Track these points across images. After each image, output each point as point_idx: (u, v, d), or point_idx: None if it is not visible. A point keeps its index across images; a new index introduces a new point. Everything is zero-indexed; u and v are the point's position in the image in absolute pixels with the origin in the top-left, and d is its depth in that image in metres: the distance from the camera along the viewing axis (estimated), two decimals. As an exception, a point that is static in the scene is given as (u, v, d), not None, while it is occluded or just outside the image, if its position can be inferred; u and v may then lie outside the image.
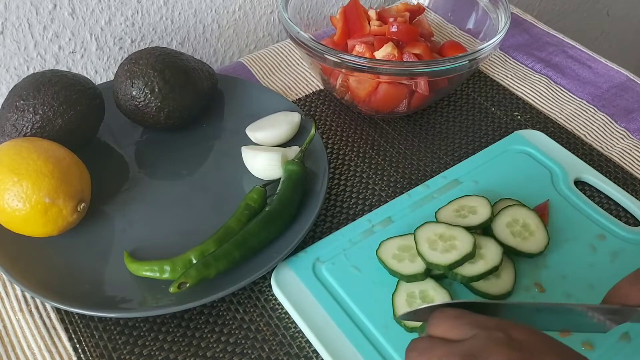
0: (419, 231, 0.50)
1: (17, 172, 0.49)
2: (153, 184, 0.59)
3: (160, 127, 0.61)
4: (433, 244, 0.49)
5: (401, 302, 0.47)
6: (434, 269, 0.48)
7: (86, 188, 0.53)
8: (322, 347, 0.46)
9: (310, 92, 0.71)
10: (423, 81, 0.60)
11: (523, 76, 0.74)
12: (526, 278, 0.50)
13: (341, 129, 0.67)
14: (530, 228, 0.51)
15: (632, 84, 0.72)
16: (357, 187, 0.60)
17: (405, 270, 0.49)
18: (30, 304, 0.50)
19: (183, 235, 0.54)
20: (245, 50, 0.83)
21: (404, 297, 0.48)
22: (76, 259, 0.52)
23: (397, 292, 0.48)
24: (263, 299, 0.51)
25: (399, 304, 0.47)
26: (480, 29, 0.70)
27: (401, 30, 0.63)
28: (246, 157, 0.59)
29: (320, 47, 0.58)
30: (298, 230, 0.52)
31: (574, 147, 0.64)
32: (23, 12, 0.64)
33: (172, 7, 0.73)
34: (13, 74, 0.68)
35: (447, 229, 0.49)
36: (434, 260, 0.47)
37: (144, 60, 0.58)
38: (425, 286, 0.48)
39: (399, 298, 0.47)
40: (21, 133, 0.54)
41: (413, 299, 0.47)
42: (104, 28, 0.71)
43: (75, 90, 0.56)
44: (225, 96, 0.68)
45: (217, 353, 0.47)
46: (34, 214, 0.49)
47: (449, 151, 0.64)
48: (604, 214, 0.55)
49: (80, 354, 0.47)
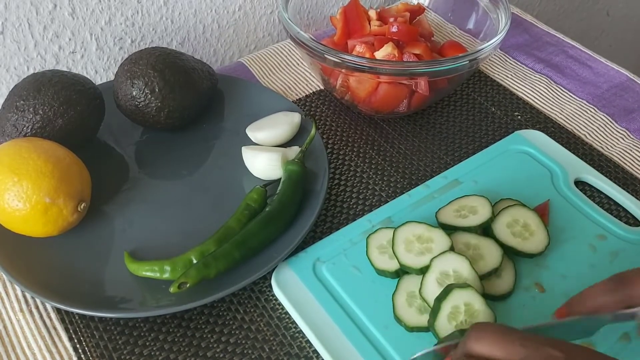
0: (398, 231, 0.50)
1: (18, 172, 0.49)
2: (153, 184, 0.59)
3: (160, 127, 0.61)
4: (409, 245, 0.49)
5: (401, 302, 0.47)
6: (407, 270, 0.48)
7: (86, 188, 0.53)
8: (322, 347, 0.46)
9: (310, 92, 0.71)
10: (423, 81, 0.60)
11: (523, 76, 0.74)
12: (526, 278, 0.50)
13: (341, 129, 0.67)
14: (531, 228, 0.51)
15: (632, 84, 0.72)
16: (357, 187, 0.60)
17: (379, 264, 0.49)
18: (30, 304, 0.50)
19: (183, 235, 0.54)
20: (245, 50, 0.83)
21: (404, 296, 0.47)
22: (76, 259, 0.52)
23: (398, 291, 0.48)
24: (263, 299, 0.51)
25: (400, 304, 0.47)
26: (480, 29, 0.70)
27: (401, 30, 0.63)
28: (246, 157, 0.59)
29: (320, 47, 0.58)
30: (298, 230, 0.52)
31: (574, 147, 0.64)
32: (23, 12, 0.64)
33: (172, 7, 0.73)
34: (13, 74, 0.68)
35: (426, 229, 0.50)
36: (407, 263, 0.48)
37: (144, 60, 0.58)
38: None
39: (400, 298, 0.47)
40: (21, 133, 0.54)
41: (413, 298, 0.47)
42: (104, 28, 0.70)
43: (76, 90, 0.56)
44: (225, 96, 0.68)
45: (218, 353, 0.47)
46: (34, 214, 0.49)
47: (449, 151, 0.64)
48: (604, 214, 0.55)
49: (80, 354, 0.47)
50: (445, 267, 0.46)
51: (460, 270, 0.46)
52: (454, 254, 0.47)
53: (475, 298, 0.44)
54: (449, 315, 0.44)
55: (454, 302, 0.44)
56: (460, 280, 0.46)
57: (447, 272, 0.46)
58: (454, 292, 0.44)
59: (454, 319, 0.44)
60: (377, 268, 0.50)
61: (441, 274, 0.46)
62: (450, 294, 0.44)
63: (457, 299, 0.44)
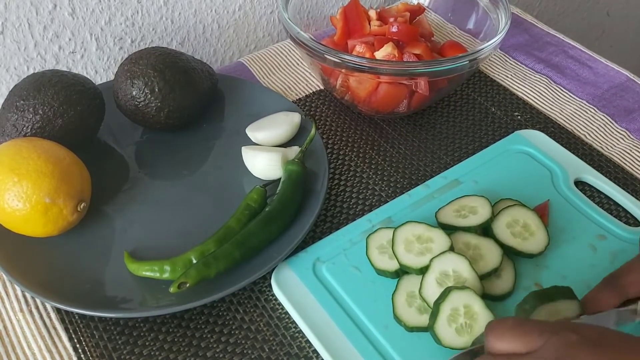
0: (398, 231, 0.50)
1: (18, 172, 0.49)
2: (153, 184, 0.59)
3: (160, 127, 0.61)
4: (409, 245, 0.49)
5: (401, 302, 0.47)
6: (407, 270, 0.48)
7: (86, 188, 0.53)
8: (322, 347, 0.46)
9: (310, 92, 0.71)
10: (423, 81, 0.60)
11: (523, 76, 0.74)
12: (526, 278, 0.50)
13: (341, 129, 0.67)
14: (531, 228, 0.51)
15: (632, 84, 0.72)
16: (357, 187, 0.60)
17: (379, 264, 0.49)
18: (30, 304, 0.50)
19: (183, 235, 0.54)
20: (245, 50, 0.83)
21: (404, 296, 0.47)
22: (76, 259, 0.52)
23: (397, 291, 0.48)
24: (263, 299, 0.51)
25: (399, 304, 0.47)
26: (480, 29, 0.70)
27: (401, 30, 0.63)
28: (246, 157, 0.59)
29: (320, 47, 0.58)
30: (298, 230, 0.52)
31: (574, 147, 0.64)
32: (23, 12, 0.64)
33: (172, 7, 0.73)
34: (13, 74, 0.68)
35: (426, 229, 0.50)
36: (407, 263, 0.48)
37: (144, 60, 0.58)
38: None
39: (399, 298, 0.47)
40: (21, 133, 0.54)
41: (413, 298, 0.47)
42: (104, 28, 0.71)
43: (75, 90, 0.56)
44: (225, 96, 0.68)
45: (217, 353, 0.47)
46: (34, 214, 0.49)
47: (449, 151, 0.64)
48: (604, 214, 0.55)
49: (80, 354, 0.47)
50: (445, 267, 0.46)
51: (460, 270, 0.46)
52: (453, 254, 0.47)
53: (474, 300, 0.44)
54: (449, 318, 0.44)
55: (453, 304, 0.44)
56: (460, 280, 0.46)
57: (447, 272, 0.46)
58: (453, 294, 0.44)
59: (454, 321, 0.44)
60: (377, 268, 0.50)
61: (441, 274, 0.46)
62: (448, 296, 0.44)
63: (456, 300, 0.44)
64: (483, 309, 0.44)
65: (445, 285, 0.46)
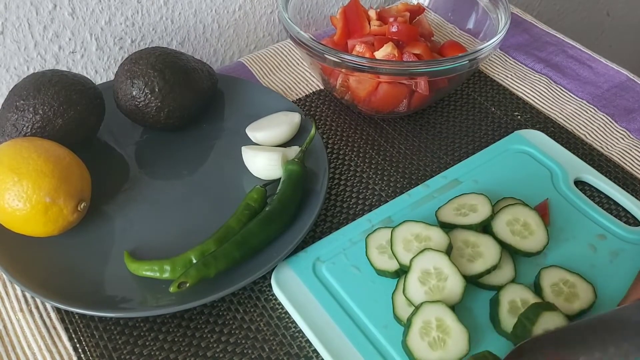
0: (396, 230, 0.50)
1: (18, 171, 0.49)
2: (153, 184, 0.59)
3: (160, 127, 0.61)
4: (408, 245, 0.49)
5: (401, 302, 0.47)
6: (406, 269, 0.48)
7: (86, 188, 0.53)
8: (322, 347, 0.46)
9: (310, 92, 0.71)
10: (423, 81, 0.60)
11: (523, 76, 0.74)
12: (526, 278, 0.50)
13: (341, 129, 0.67)
14: (531, 227, 0.51)
15: (632, 84, 0.72)
16: (357, 187, 0.60)
17: (379, 264, 0.49)
18: (30, 304, 0.50)
19: (183, 235, 0.54)
20: (246, 50, 0.84)
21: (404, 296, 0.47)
22: (76, 259, 0.52)
23: (397, 291, 0.48)
24: (263, 298, 0.51)
25: (399, 304, 0.47)
26: (480, 29, 0.70)
27: (401, 30, 0.63)
28: (246, 157, 0.59)
29: (320, 47, 0.58)
30: (298, 230, 0.52)
31: (574, 147, 0.64)
32: (23, 12, 0.64)
33: (172, 7, 0.73)
34: (13, 74, 0.68)
35: (424, 228, 0.50)
36: (406, 262, 0.48)
37: (144, 60, 0.59)
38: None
39: (399, 297, 0.47)
40: (21, 133, 0.54)
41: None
42: (104, 28, 0.71)
43: (75, 90, 0.56)
44: (225, 96, 0.68)
45: (217, 353, 0.47)
46: (34, 214, 0.49)
47: (449, 151, 0.64)
48: (604, 214, 0.55)
49: (80, 353, 0.47)
50: (425, 265, 0.46)
51: (441, 267, 0.46)
52: (432, 251, 0.47)
53: (446, 313, 0.43)
54: (420, 331, 0.43)
55: (425, 317, 0.44)
56: (442, 276, 0.46)
57: (428, 270, 0.46)
58: (424, 307, 0.44)
59: (427, 335, 0.43)
60: (376, 268, 0.50)
61: (422, 273, 0.46)
62: (420, 309, 0.44)
63: (428, 313, 0.44)
64: (455, 322, 0.43)
65: (429, 284, 0.46)
